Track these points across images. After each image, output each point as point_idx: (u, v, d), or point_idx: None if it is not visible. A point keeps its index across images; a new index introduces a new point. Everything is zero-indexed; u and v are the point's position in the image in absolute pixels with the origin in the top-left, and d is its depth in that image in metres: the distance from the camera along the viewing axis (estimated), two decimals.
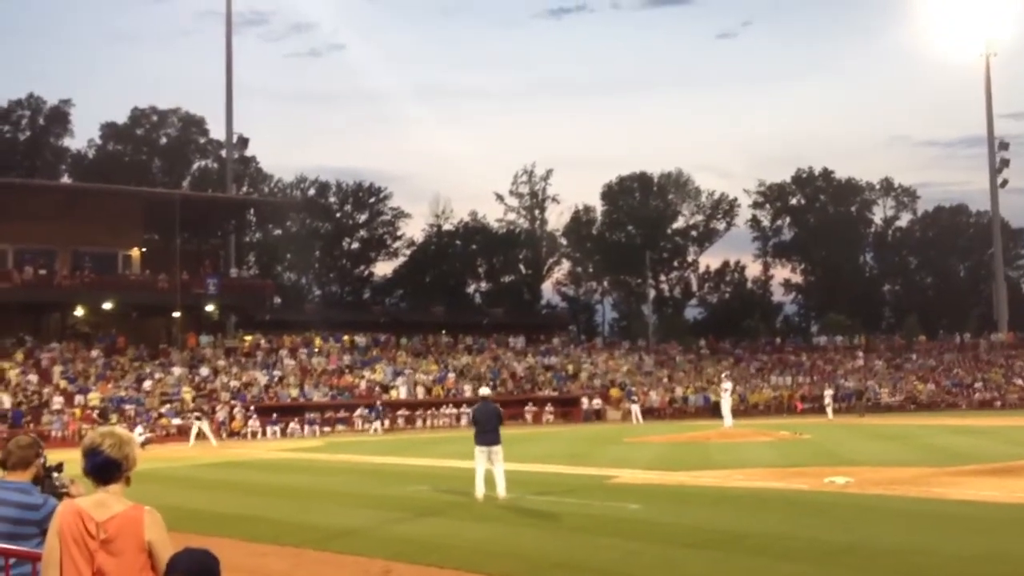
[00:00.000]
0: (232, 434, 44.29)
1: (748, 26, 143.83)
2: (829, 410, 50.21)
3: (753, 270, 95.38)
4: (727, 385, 39.90)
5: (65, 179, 74.49)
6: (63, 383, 45.73)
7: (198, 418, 40.41)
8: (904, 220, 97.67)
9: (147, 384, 47.29)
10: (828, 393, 52.51)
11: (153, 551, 4.22)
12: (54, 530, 4.33)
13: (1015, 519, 13.50)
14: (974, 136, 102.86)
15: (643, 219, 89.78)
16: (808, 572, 10.16)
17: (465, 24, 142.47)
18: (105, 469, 4.34)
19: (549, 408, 54.23)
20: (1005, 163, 75.75)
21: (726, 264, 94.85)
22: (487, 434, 17.08)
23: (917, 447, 27.46)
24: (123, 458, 4.36)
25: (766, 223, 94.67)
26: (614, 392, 56.95)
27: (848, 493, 16.61)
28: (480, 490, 16.74)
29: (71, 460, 6.55)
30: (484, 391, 19.25)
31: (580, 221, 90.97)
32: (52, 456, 5.90)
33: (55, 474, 5.62)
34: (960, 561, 10.37)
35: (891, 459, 23.29)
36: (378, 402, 49.25)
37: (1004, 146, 75.92)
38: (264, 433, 44.83)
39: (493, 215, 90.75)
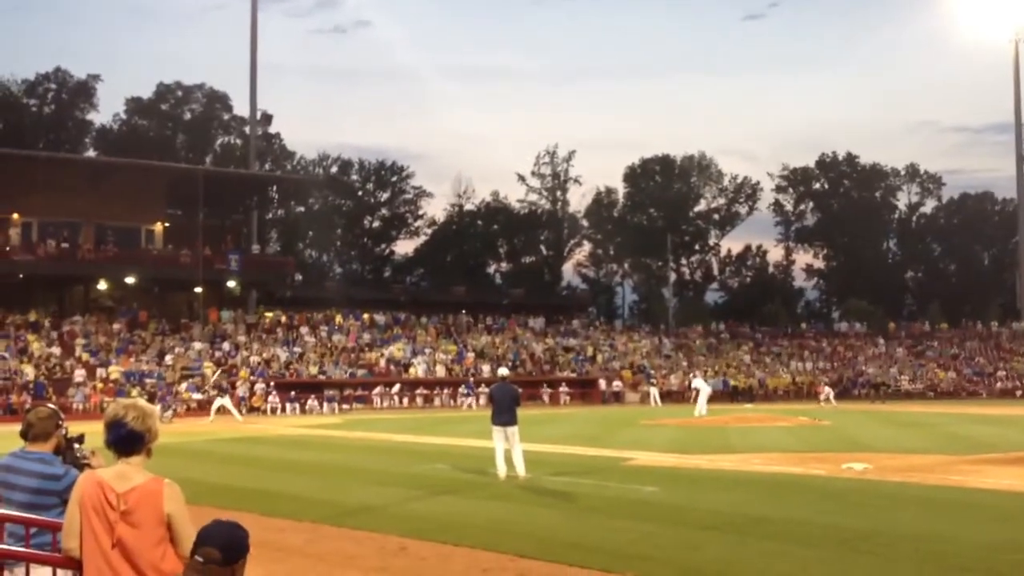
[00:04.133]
0: (252, 410, 44.58)
1: (775, 7, 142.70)
2: (829, 397, 47.20)
3: (775, 255, 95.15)
4: (698, 383, 39.93)
5: (90, 153, 74.93)
6: (85, 356, 46.14)
7: (220, 393, 40.70)
8: (929, 207, 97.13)
9: (168, 358, 47.64)
10: (826, 390, 48.90)
11: (172, 524, 4.26)
12: (75, 500, 4.37)
13: None
14: (1003, 122, 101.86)
15: (665, 202, 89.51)
16: (826, 557, 10.14)
17: (491, 3, 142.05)
18: (128, 441, 4.38)
19: (567, 389, 54.28)
20: None
21: (748, 248, 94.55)
22: (503, 415, 17.06)
23: (936, 435, 27.31)
24: (146, 431, 4.40)
25: (789, 208, 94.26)
26: (626, 374, 56.93)
27: (866, 479, 16.55)
28: (501, 469, 16.78)
29: (92, 432, 6.61)
30: (503, 371, 19.32)
31: (602, 203, 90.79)
32: (73, 428, 5.95)
33: (76, 445, 5.67)
34: (978, 549, 10.32)
35: (910, 446, 23.19)
36: (471, 379, 50.63)
37: None
38: (283, 409, 45.10)
39: (515, 196, 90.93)
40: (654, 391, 50.81)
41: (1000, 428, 29.84)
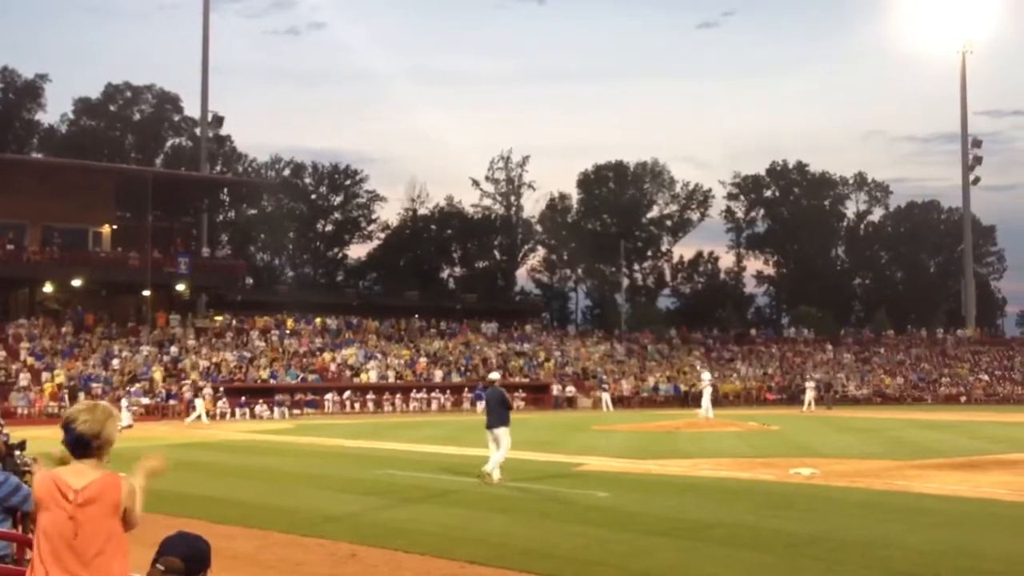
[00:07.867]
0: None
1: (729, 16, 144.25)
2: (810, 400, 49.31)
3: (726, 261, 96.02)
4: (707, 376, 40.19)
5: (36, 154, 73.65)
6: (30, 360, 45.31)
7: (196, 394, 40.43)
8: (876, 215, 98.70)
9: (115, 362, 46.93)
10: (810, 385, 51.83)
11: (126, 518, 4.30)
12: (33, 502, 4.36)
13: (978, 513, 13.65)
14: (950, 132, 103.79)
15: (618, 208, 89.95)
16: (773, 562, 10.24)
17: (446, 7, 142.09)
18: (78, 445, 4.35)
19: (520, 394, 54.28)
20: (978, 160, 76.53)
21: (700, 255, 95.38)
22: (490, 417, 17.90)
23: (883, 440, 27.72)
24: (94, 436, 4.34)
25: (740, 215, 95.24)
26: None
27: (813, 484, 16.75)
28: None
29: (34, 438, 6.50)
30: (494, 376, 19.91)
31: (555, 208, 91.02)
32: (17, 434, 5.85)
33: (17, 452, 5.58)
34: (923, 555, 10.48)
35: (857, 451, 23.51)
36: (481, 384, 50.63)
37: (977, 143, 76.72)
38: (233, 414, 44.64)
39: (469, 200, 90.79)
40: (606, 396, 51.01)
41: (944, 433, 30.36)
